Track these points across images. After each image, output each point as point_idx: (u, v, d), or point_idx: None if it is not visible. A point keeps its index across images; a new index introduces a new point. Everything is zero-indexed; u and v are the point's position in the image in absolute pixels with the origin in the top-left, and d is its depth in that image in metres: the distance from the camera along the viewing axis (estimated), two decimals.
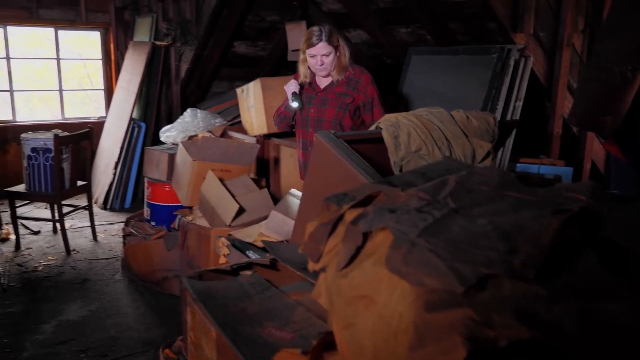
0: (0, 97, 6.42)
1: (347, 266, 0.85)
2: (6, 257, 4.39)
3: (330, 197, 1.02)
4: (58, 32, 6.50)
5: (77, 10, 6.41)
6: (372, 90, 2.95)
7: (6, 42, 6.21)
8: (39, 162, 4.31)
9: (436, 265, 0.72)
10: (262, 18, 5.55)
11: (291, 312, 1.52)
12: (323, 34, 2.84)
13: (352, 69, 2.97)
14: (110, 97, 6.59)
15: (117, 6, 6.51)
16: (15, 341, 3.15)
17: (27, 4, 6.14)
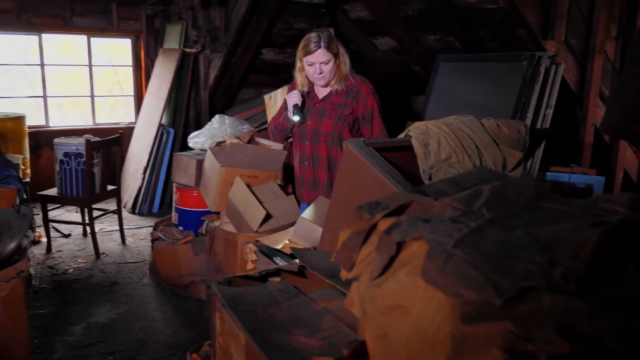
0: (34, 102, 6.58)
1: (381, 276, 0.85)
2: (38, 260, 4.48)
3: (363, 206, 1.01)
4: (90, 39, 6.64)
5: (110, 18, 6.56)
6: (372, 102, 2.78)
7: (41, 49, 6.38)
8: (70, 167, 4.40)
9: (473, 276, 0.71)
10: (290, 26, 5.58)
11: (320, 320, 1.52)
12: (322, 40, 2.67)
13: (353, 78, 2.81)
14: (140, 103, 6.71)
15: (148, 14, 6.64)
16: (46, 342, 3.21)
17: (61, 12, 6.29)
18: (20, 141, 5.33)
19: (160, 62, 6.13)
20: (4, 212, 2.73)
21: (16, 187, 2.92)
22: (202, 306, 3.70)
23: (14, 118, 5.35)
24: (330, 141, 2.80)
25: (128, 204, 5.86)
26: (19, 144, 5.30)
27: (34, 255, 4.56)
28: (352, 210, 1.95)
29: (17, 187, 2.94)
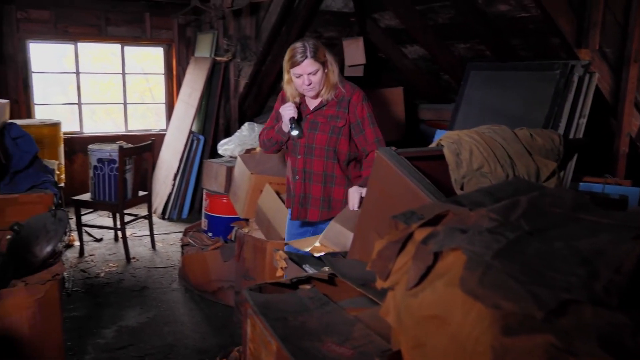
0: (69, 109, 6.75)
1: (417, 285, 0.85)
2: (71, 263, 4.58)
3: (398, 215, 1.02)
4: (124, 48, 6.79)
5: (143, 28, 6.70)
6: (362, 109, 2.64)
7: (76, 57, 6.54)
8: (104, 173, 4.49)
9: (513, 288, 0.71)
10: (320, 34, 5.62)
11: (350, 328, 1.52)
12: (308, 50, 2.51)
13: (343, 87, 2.65)
14: (171, 111, 6.82)
15: (180, 23, 6.76)
16: (78, 344, 3.28)
17: (96, 22, 6.46)
18: (55, 147, 5.47)
19: (192, 71, 6.23)
20: (41, 217, 2.81)
21: (53, 192, 3.00)
22: (230, 312, 3.73)
23: (50, 124, 5.50)
24: (326, 155, 2.68)
25: (158, 209, 5.95)
26: (55, 149, 5.43)
27: (67, 258, 4.66)
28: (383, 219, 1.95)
29: (54, 192, 3.02)
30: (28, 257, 2.64)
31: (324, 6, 5.33)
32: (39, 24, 6.20)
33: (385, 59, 5.84)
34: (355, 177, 2.76)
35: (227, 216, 4.09)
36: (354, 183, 2.73)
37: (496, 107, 4.09)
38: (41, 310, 2.54)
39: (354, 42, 5.17)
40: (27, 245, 2.68)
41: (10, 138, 3.16)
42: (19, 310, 2.48)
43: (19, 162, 3.09)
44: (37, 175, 3.09)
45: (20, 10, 6.07)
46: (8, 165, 3.05)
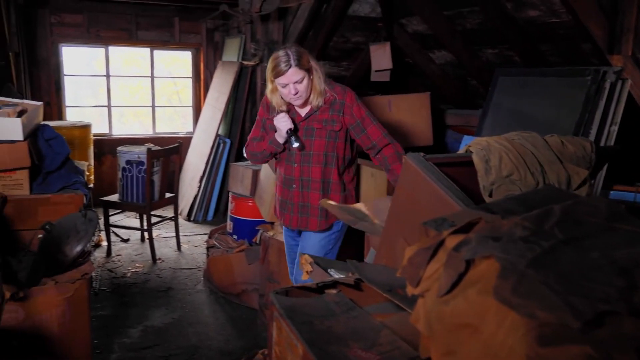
0: (98, 111, 6.88)
1: (449, 293, 0.84)
2: (98, 263, 4.66)
3: (429, 222, 1.01)
4: (153, 51, 6.90)
5: (172, 32, 6.80)
6: (359, 109, 2.55)
7: (107, 61, 6.68)
8: (132, 174, 4.56)
9: (549, 297, 0.70)
10: (347, 39, 5.63)
11: (377, 334, 1.51)
12: (292, 58, 2.39)
13: (332, 89, 2.55)
14: (198, 114, 6.90)
15: (209, 28, 6.84)
16: (105, 343, 3.33)
17: (127, 26, 6.58)
18: (85, 148, 5.58)
19: (219, 74, 6.29)
20: (71, 217, 2.86)
21: (83, 193, 3.06)
22: (254, 314, 3.75)
23: (80, 126, 5.61)
24: (324, 161, 2.58)
25: (184, 211, 6.02)
26: (85, 151, 5.54)
27: (94, 258, 4.74)
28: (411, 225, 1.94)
29: (84, 193, 3.08)
30: (59, 257, 2.70)
31: (351, 11, 5.33)
32: (71, 28, 6.34)
33: (412, 64, 5.82)
34: (349, 180, 2.71)
35: (252, 219, 4.11)
36: (348, 188, 2.70)
37: (525, 114, 4.04)
38: (70, 309, 2.59)
39: (381, 47, 5.16)
40: (58, 244, 2.74)
41: (44, 139, 3.24)
42: (49, 308, 2.53)
43: (52, 163, 3.16)
44: (68, 176, 3.16)
45: (53, 14, 6.22)
46: (41, 166, 3.12)
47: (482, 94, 5.05)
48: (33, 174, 3.04)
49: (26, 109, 3.17)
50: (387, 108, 4.29)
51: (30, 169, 2.99)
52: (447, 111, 5.44)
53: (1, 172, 2.91)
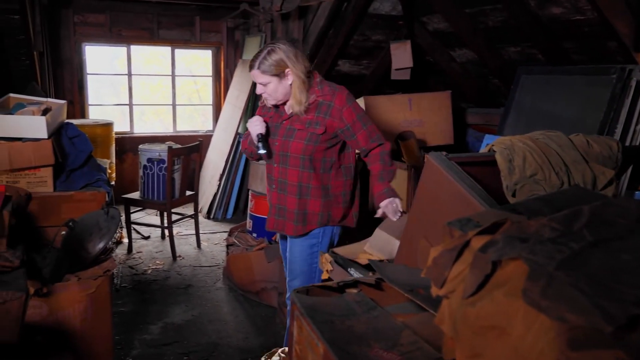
0: (118, 109, 6.96)
1: (474, 294, 0.83)
2: (119, 259, 4.71)
3: (453, 222, 1.00)
4: (174, 50, 6.95)
5: (192, 31, 6.84)
6: (350, 113, 2.39)
7: (129, 59, 6.74)
8: (153, 172, 4.60)
9: (579, 301, 0.68)
10: (367, 37, 5.60)
11: (398, 334, 1.50)
12: (257, 61, 2.32)
13: (321, 89, 2.40)
14: (218, 112, 6.93)
15: (229, 26, 6.87)
16: (126, 339, 3.36)
17: (149, 25, 6.63)
18: (107, 146, 5.64)
19: (239, 73, 6.31)
20: (94, 214, 2.90)
21: (106, 191, 3.09)
22: (272, 312, 3.76)
23: (103, 124, 5.68)
24: (301, 165, 2.44)
25: (204, 209, 6.05)
26: (107, 149, 5.61)
27: (116, 255, 4.78)
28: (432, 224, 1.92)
29: (107, 191, 3.11)
30: (81, 253, 2.73)
31: (372, 9, 5.31)
32: (94, 27, 6.42)
33: (433, 62, 5.78)
34: (336, 186, 2.54)
35: None
36: (333, 194, 2.53)
37: (548, 112, 3.99)
38: (92, 305, 2.62)
39: (402, 46, 5.13)
40: (81, 241, 2.77)
41: (67, 137, 3.28)
42: (71, 304, 2.56)
43: (75, 161, 3.20)
44: (91, 174, 3.19)
45: (77, 14, 6.30)
46: (64, 163, 3.16)
47: (504, 93, 5.00)
48: (57, 171, 3.08)
49: (50, 108, 3.21)
50: (407, 106, 4.27)
51: (54, 166, 3.03)
52: (467, 110, 5.39)
53: (26, 169, 2.95)
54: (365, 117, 2.47)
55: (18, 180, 2.97)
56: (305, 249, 2.58)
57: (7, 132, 2.91)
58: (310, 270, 2.60)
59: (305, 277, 2.61)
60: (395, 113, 4.18)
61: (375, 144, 2.50)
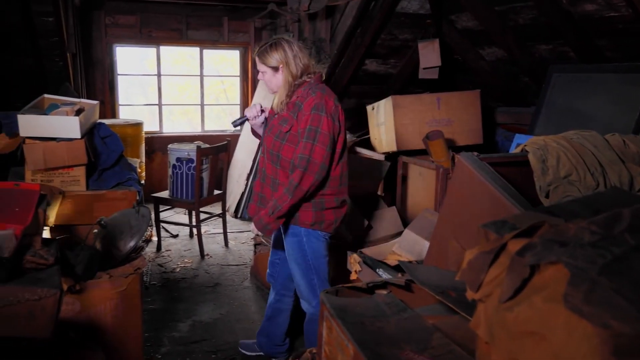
0: (147, 109, 7.05)
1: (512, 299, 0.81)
2: (149, 257, 4.77)
3: (488, 224, 0.98)
4: (203, 51, 7.02)
5: (221, 31, 6.89)
6: (307, 120, 2.41)
7: (158, 60, 6.83)
8: (182, 171, 4.65)
9: (623, 307, 0.66)
10: (394, 36, 5.56)
11: (429, 337, 1.49)
12: (258, 49, 2.53)
13: (306, 90, 2.48)
14: None
15: (257, 27, 6.91)
16: (155, 336, 3.40)
17: (178, 26, 6.71)
18: (137, 146, 5.72)
19: None
20: (125, 213, 2.94)
21: (136, 190, 3.13)
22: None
23: (133, 124, 5.76)
24: (273, 159, 2.56)
25: (231, 208, 6.10)
26: (137, 148, 5.69)
27: (145, 253, 4.84)
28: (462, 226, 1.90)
29: (137, 190, 3.15)
30: (113, 252, 2.77)
31: (400, 8, 5.26)
32: (125, 28, 6.53)
33: (461, 61, 5.71)
34: None
35: None
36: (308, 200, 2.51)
37: (580, 111, 3.91)
38: (123, 302, 2.66)
39: (430, 44, 5.08)
40: (113, 239, 2.82)
41: (99, 137, 3.33)
42: (103, 301, 2.60)
43: (107, 160, 3.25)
44: (122, 173, 3.24)
45: (108, 15, 6.41)
46: (97, 162, 3.22)
47: (535, 91, 4.91)
48: (89, 170, 3.13)
49: (83, 108, 3.27)
50: (435, 106, 4.23)
51: (87, 166, 3.09)
52: (497, 109, 5.31)
53: (60, 168, 3.01)
54: (319, 135, 2.40)
55: (52, 179, 3.03)
56: (296, 250, 2.63)
57: (42, 132, 2.97)
58: (307, 268, 2.63)
59: (304, 277, 2.65)
60: (424, 112, 4.15)
61: (296, 162, 2.44)
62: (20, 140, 3.04)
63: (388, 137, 4.17)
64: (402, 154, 4.15)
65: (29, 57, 4.99)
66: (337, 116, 2.47)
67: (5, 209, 2.14)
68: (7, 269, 1.78)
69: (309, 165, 2.38)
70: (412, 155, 4.09)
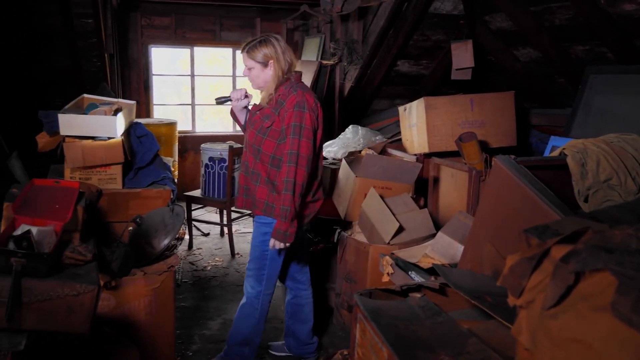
0: (180, 109, 7.15)
1: (556, 306, 0.80)
2: (180, 255, 4.83)
3: (530, 230, 0.97)
4: (236, 52, 7.08)
5: (253, 32, 6.95)
6: (290, 117, 2.52)
7: (192, 61, 6.93)
8: (214, 171, 4.71)
9: None
10: (427, 37, 5.52)
11: (464, 342, 1.48)
12: (248, 45, 2.59)
13: (287, 89, 2.59)
14: None
15: (289, 28, 6.93)
16: (186, 334, 3.45)
17: (211, 27, 6.80)
18: (171, 145, 5.81)
19: None
20: (160, 211, 2.99)
21: (171, 188, 3.18)
22: (329, 313, 3.76)
23: (167, 124, 5.85)
24: (255, 153, 2.67)
25: None
26: (170, 147, 5.78)
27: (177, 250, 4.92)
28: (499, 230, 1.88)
29: (172, 188, 3.20)
30: (147, 249, 2.82)
31: (433, 9, 5.22)
32: (160, 29, 6.64)
33: (494, 61, 5.63)
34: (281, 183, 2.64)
35: (329, 218, 4.12)
36: (278, 191, 2.61)
37: (618, 114, 3.81)
38: (157, 299, 2.70)
39: (463, 45, 5.02)
40: (147, 237, 2.87)
41: (136, 136, 3.39)
42: (137, 298, 2.65)
43: (142, 159, 3.31)
44: (157, 172, 3.29)
45: (144, 17, 6.53)
46: (132, 161, 3.27)
47: (570, 93, 4.81)
48: (125, 169, 3.19)
49: (121, 108, 3.33)
50: (469, 107, 4.17)
51: (123, 164, 3.15)
52: (531, 110, 5.22)
53: (97, 167, 3.08)
54: (303, 131, 2.52)
55: (90, 177, 3.09)
56: (259, 236, 2.73)
57: (81, 131, 3.04)
58: (261, 257, 2.75)
59: (256, 263, 2.77)
60: (456, 114, 4.10)
61: (286, 158, 2.53)
62: (61, 138, 3.12)
63: (420, 139, 4.14)
64: (434, 156, 4.12)
65: (67, 57, 5.11)
66: (317, 113, 2.60)
67: (46, 205, 2.19)
68: (47, 264, 1.82)
69: (298, 159, 2.50)
70: (444, 156, 4.05)
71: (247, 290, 2.84)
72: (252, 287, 2.81)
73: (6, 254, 1.77)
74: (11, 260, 1.75)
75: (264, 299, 2.83)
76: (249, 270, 2.82)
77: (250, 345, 2.91)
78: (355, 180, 3.52)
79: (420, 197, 3.72)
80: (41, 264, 1.81)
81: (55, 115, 3.04)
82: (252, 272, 2.80)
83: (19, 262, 1.75)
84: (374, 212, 3.27)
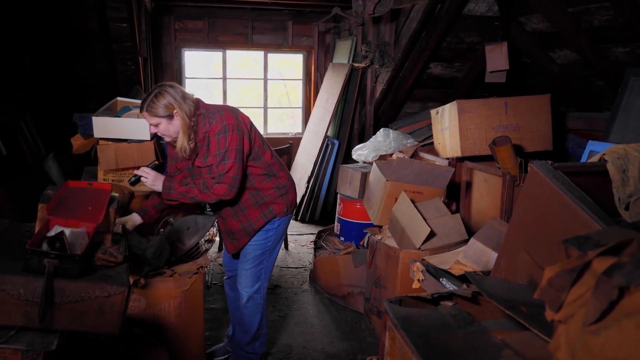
0: None
1: (598, 322, 0.75)
2: (211, 257, 4.86)
3: (570, 240, 0.92)
4: (267, 55, 7.12)
5: (285, 35, 6.97)
6: (214, 145, 2.52)
7: (224, 64, 6.99)
8: None
9: None
10: (460, 40, 5.44)
11: (498, 353, 1.43)
12: (145, 103, 2.47)
13: (204, 123, 2.53)
14: (308, 115, 7.01)
15: (320, 30, 6.94)
16: (215, 335, 3.46)
17: (243, 31, 6.85)
18: None
19: (329, 76, 6.35)
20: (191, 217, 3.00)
21: None
22: (358, 318, 3.73)
23: None
24: None
25: None
26: None
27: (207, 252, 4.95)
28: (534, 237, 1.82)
29: None
30: (177, 245, 2.84)
31: (467, 10, 5.14)
32: (193, 33, 6.72)
33: (529, 64, 5.51)
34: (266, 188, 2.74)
35: (359, 222, 4.09)
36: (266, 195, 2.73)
37: None
38: (186, 301, 2.71)
39: (497, 47, 4.92)
40: (179, 233, 2.89)
41: None
42: (167, 300, 2.66)
43: None
44: None
45: (178, 21, 6.62)
46: (164, 164, 3.31)
47: (609, 96, 4.67)
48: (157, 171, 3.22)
49: None
50: (503, 110, 4.08)
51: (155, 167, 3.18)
52: (568, 114, 5.08)
53: (130, 169, 3.12)
54: (227, 153, 2.51)
55: (122, 179, 3.14)
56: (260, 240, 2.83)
57: (115, 133, 3.08)
58: (261, 255, 2.85)
59: (254, 261, 2.85)
60: (490, 117, 4.01)
61: (215, 176, 2.54)
62: (95, 141, 3.17)
63: (452, 142, 4.07)
64: (467, 160, 4.04)
65: (103, 60, 5.22)
66: (241, 124, 2.57)
67: (79, 207, 2.22)
68: (79, 265, 1.84)
69: (222, 178, 2.51)
70: (477, 161, 3.98)
71: (245, 290, 2.88)
72: (250, 286, 2.87)
73: (40, 255, 1.79)
74: (44, 261, 1.77)
75: (263, 292, 2.94)
76: (245, 270, 2.86)
77: (259, 339, 3.02)
78: (386, 184, 3.48)
79: (452, 202, 3.66)
80: (73, 265, 1.83)
81: (90, 117, 3.09)
82: (249, 271, 2.86)
83: (52, 263, 1.77)
84: (405, 216, 3.22)
